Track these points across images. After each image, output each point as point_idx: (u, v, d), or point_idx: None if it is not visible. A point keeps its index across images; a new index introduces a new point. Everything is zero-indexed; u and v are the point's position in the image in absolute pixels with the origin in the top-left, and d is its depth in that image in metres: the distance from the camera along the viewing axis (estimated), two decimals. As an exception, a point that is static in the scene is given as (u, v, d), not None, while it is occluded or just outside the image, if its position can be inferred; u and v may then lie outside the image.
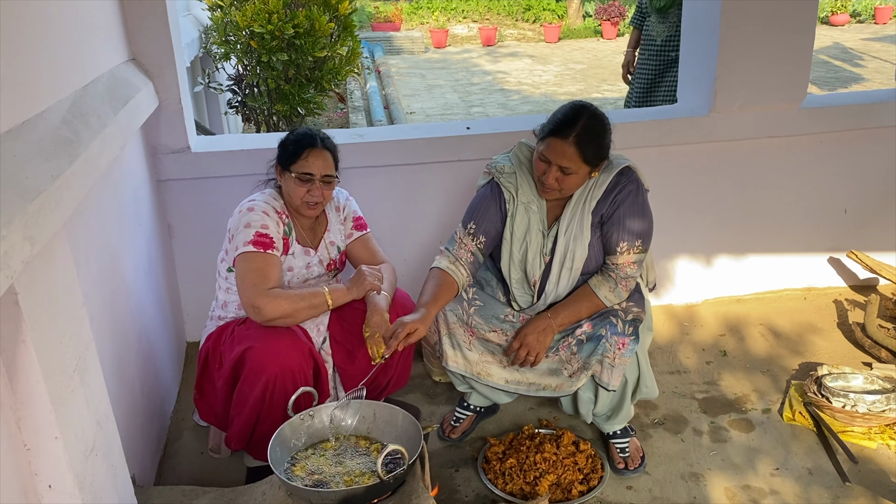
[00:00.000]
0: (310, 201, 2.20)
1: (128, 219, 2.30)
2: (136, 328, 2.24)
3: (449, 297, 2.24)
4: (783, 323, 3.20)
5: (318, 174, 2.18)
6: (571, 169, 2.07)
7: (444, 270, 2.25)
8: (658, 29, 3.89)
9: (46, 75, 1.64)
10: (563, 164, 2.06)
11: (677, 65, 3.70)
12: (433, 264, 2.30)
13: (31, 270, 1.28)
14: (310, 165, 2.17)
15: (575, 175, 2.09)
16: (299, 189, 2.18)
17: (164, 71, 2.59)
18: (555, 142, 2.06)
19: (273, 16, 4.09)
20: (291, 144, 2.21)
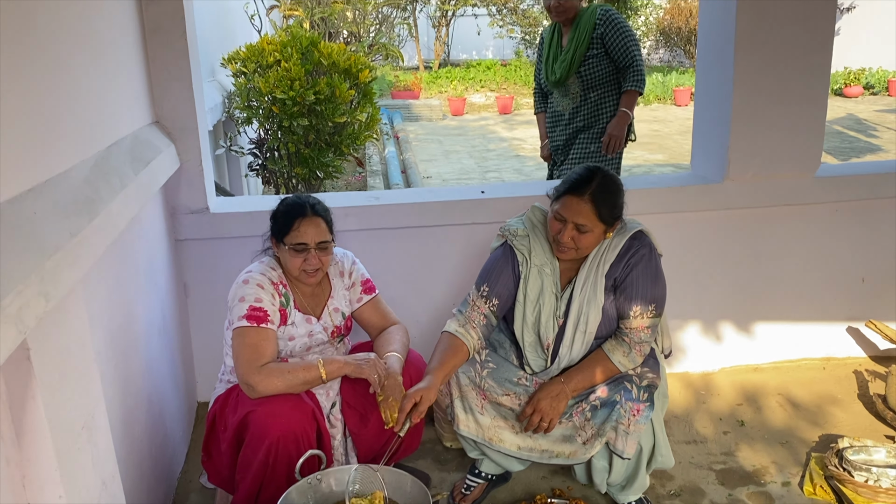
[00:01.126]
0: (308, 270, 2.20)
1: (144, 277, 2.32)
2: (146, 387, 2.24)
3: (457, 362, 2.23)
4: (802, 393, 3.14)
5: (313, 242, 2.18)
6: (587, 227, 2.08)
7: (453, 334, 2.24)
8: (563, 103, 3.75)
9: (72, 135, 1.69)
10: (580, 221, 2.08)
11: (583, 133, 3.73)
12: (444, 328, 2.29)
13: (45, 326, 1.29)
14: (302, 235, 2.17)
15: (591, 233, 2.10)
16: (295, 260, 2.18)
17: (186, 134, 2.66)
18: (570, 199, 2.09)
19: (295, 83, 4.21)
20: (282, 216, 2.21)
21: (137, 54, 2.45)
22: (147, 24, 2.52)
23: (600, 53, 3.59)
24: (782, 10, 2.86)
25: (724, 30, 2.95)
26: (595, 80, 3.64)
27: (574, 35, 3.60)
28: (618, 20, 3.59)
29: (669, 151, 10.03)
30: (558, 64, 3.65)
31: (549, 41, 3.74)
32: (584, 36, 3.57)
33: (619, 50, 3.59)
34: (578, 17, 3.61)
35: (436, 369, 2.15)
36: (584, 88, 3.66)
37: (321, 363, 2.15)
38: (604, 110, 3.72)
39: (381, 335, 2.39)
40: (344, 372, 2.18)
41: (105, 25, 2.10)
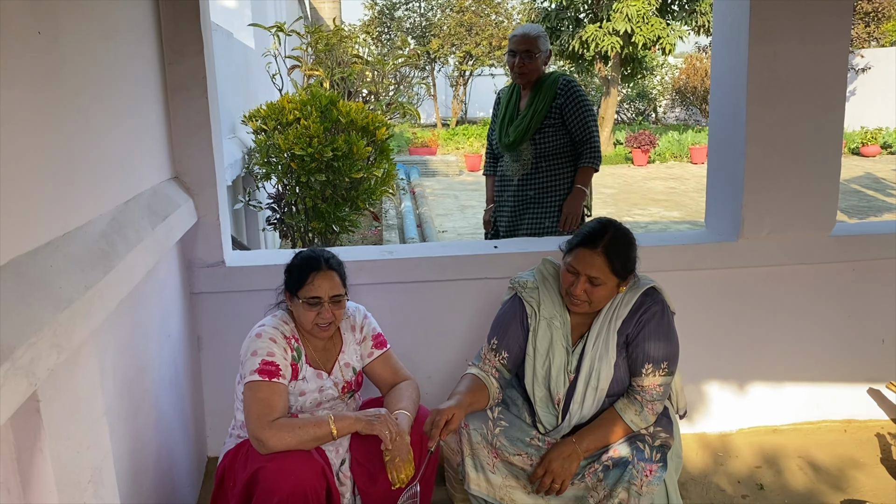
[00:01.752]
0: (321, 324, 2.21)
1: (157, 330, 2.33)
2: (156, 441, 2.23)
3: (482, 399, 2.24)
4: (823, 456, 3.06)
5: (326, 296, 2.19)
6: (600, 279, 2.08)
7: (475, 375, 2.27)
8: (513, 168, 3.55)
9: (90, 189, 1.72)
10: (592, 273, 2.08)
11: (536, 206, 3.55)
12: (465, 372, 2.30)
13: (56, 378, 1.30)
14: (317, 289, 2.19)
15: (603, 286, 2.10)
16: (309, 313, 2.19)
17: (204, 189, 2.71)
18: (583, 252, 2.10)
19: (314, 140, 4.29)
20: (297, 270, 2.23)
21: (159, 111, 2.51)
22: (170, 82, 2.60)
23: (557, 123, 3.47)
24: (794, 70, 2.89)
25: (735, 90, 2.98)
26: (548, 150, 3.49)
27: (534, 100, 3.48)
28: (579, 93, 3.48)
29: (686, 209, 10.04)
30: (513, 127, 3.51)
31: (507, 102, 3.62)
32: (544, 103, 3.45)
33: (578, 123, 3.47)
34: (540, 82, 3.50)
35: (464, 392, 2.19)
36: (536, 156, 3.50)
37: (332, 419, 2.13)
38: (558, 184, 3.55)
39: (392, 391, 2.38)
40: (355, 428, 2.16)
41: (129, 84, 2.17)
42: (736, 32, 2.96)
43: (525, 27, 3.54)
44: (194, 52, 2.60)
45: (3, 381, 1.06)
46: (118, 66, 2.05)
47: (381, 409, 2.21)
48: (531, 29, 3.49)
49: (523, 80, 3.49)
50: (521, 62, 3.43)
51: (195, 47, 2.60)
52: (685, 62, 22.11)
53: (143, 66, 2.36)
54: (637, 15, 14.89)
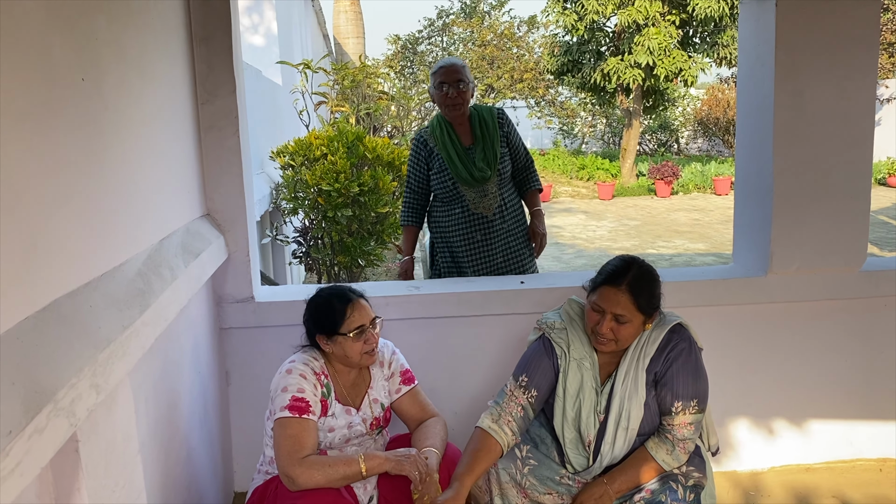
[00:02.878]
0: (368, 350, 2.25)
1: (188, 366, 2.36)
2: (186, 477, 2.24)
3: (488, 463, 2.20)
4: (858, 497, 2.99)
5: (368, 321, 2.24)
6: (626, 317, 2.08)
7: (486, 431, 2.22)
8: (483, 204, 3.33)
9: (127, 230, 1.76)
10: (618, 311, 2.07)
11: (510, 235, 3.41)
12: (477, 423, 2.27)
13: (94, 418, 1.32)
14: (358, 318, 2.23)
15: (630, 324, 2.09)
16: (357, 344, 2.22)
17: (235, 226, 2.75)
18: (607, 290, 2.09)
19: (340, 175, 4.35)
20: (329, 311, 2.24)
21: (192, 150, 2.57)
22: (202, 122, 2.65)
23: (506, 152, 3.39)
24: (821, 105, 2.89)
25: (762, 124, 2.98)
26: (506, 180, 3.40)
27: (483, 131, 3.34)
28: (512, 122, 3.45)
29: (711, 240, 9.98)
30: (480, 161, 3.30)
31: (444, 141, 3.33)
32: (495, 132, 3.33)
33: (521, 150, 3.46)
34: (476, 114, 3.37)
35: (463, 475, 2.13)
36: (500, 187, 3.37)
37: (362, 458, 2.14)
38: (522, 211, 3.49)
39: (420, 429, 2.37)
40: (384, 468, 2.16)
41: (164, 124, 2.23)
42: (762, 67, 2.96)
43: (449, 59, 3.39)
44: (226, 91, 2.66)
45: (47, 423, 1.08)
46: (154, 107, 2.11)
47: (411, 450, 2.20)
48: (456, 60, 3.38)
49: (457, 112, 3.31)
50: (454, 94, 3.26)
51: (227, 87, 2.65)
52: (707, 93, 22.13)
53: (176, 106, 2.41)
54: (658, 48, 14.97)
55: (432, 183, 3.41)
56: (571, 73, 17.21)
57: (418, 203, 3.52)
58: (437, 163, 3.37)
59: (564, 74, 17.49)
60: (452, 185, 3.34)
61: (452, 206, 3.39)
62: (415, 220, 3.54)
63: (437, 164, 3.37)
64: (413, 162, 3.47)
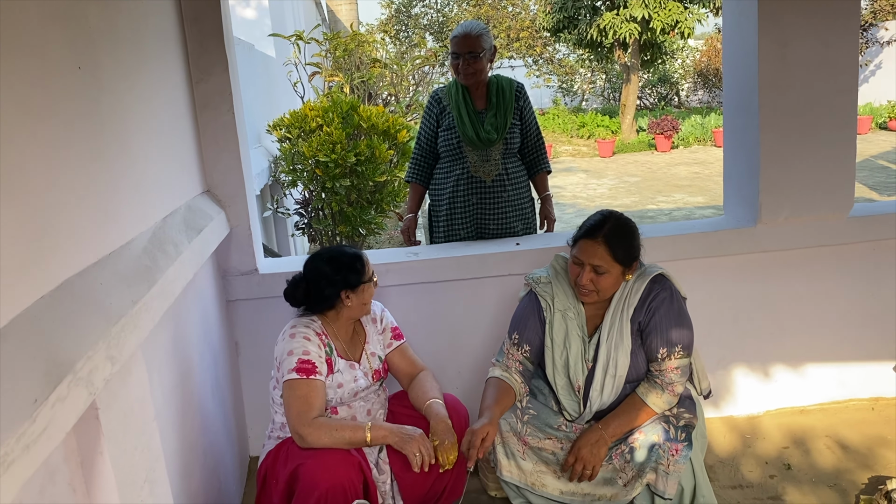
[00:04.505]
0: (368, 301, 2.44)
1: (198, 338, 2.45)
2: (202, 443, 2.35)
3: (509, 401, 2.35)
4: (851, 435, 3.10)
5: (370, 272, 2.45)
6: (604, 268, 2.18)
7: (499, 378, 2.36)
8: (484, 169, 3.37)
9: (132, 209, 1.84)
10: (595, 262, 2.17)
11: (509, 206, 3.42)
12: (488, 375, 2.39)
13: (111, 387, 1.42)
14: (369, 270, 2.43)
15: (608, 274, 2.19)
16: (373, 289, 2.43)
17: (235, 201, 2.83)
18: (585, 243, 2.20)
19: (337, 146, 4.40)
20: (358, 265, 2.40)
21: (189, 129, 2.63)
22: (198, 100, 2.71)
23: (518, 125, 3.41)
24: (804, 55, 2.93)
25: (747, 77, 3.03)
26: (512, 151, 3.42)
27: (498, 99, 3.37)
28: (530, 99, 3.47)
29: (710, 193, 10.01)
30: (489, 124, 3.34)
31: (457, 101, 3.36)
32: (511, 103, 3.37)
33: (534, 128, 3.48)
34: (495, 82, 3.41)
35: (492, 406, 2.28)
36: (504, 156, 3.40)
37: (369, 427, 2.27)
38: (526, 185, 3.53)
39: (415, 384, 2.49)
40: (388, 441, 2.29)
41: (160, 105, 2.29)
42: (745, 20, 3.00)
43: (465, 26, 3.32)
44: (219, 70, 2.71)
45: (68, 392, 1.18)
46: (150, 89, 2.17)
47: (418, 430, 2.31)
48: (472, 28, 3.30)
49: (471, 81, 3.32)
50: (465, 64, 3.27)
51: (220, 66, 2.71)
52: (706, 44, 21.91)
53: (171, 86, 2.47)
54: (654, 0, 14.80)
55: (439, 140, 3.44)
56: (567, 29, 17.06)
57: (425, 161, 3.53)
58: (447, 120, 3.41)
59: (561, 31, 17.34)
60: (457, 144, 3.38)
61: (454, 167, 3.43)
62: (420, 178, 3.54)
63: (447, 122, 3.41)
64: (425, 118, 3.51)
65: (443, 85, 3.52)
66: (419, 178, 3.53)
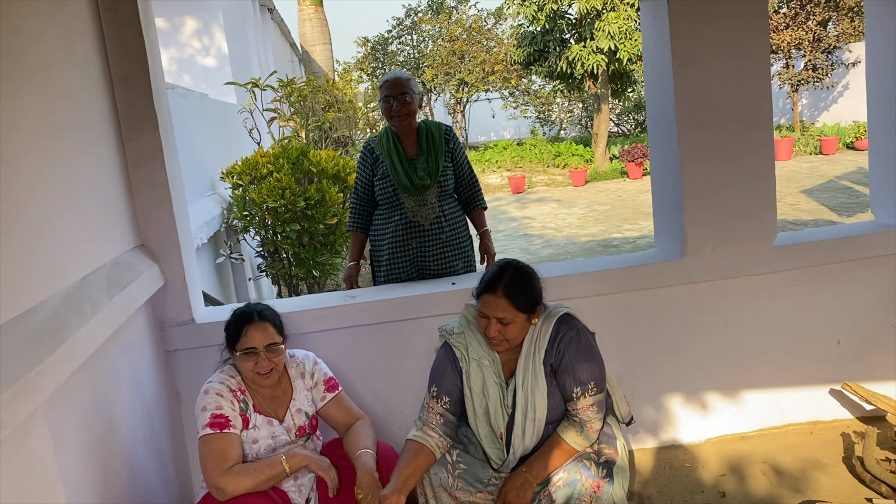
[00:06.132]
0: (261, 372, 2.38)
1: (127, 391, 2.49)
2: (132, 495, 2.38)
3: (421, 463, 2.36)
4: (787, 460, 3.15)
5: (261, 346, 2.38)
6: (508, 318, 2.24)
7: (412, 440, 2.40)
8: (421, 213, 3.44)
9: (42, 273, 1.90)
10: (499, 315, 2.24)
11: (449, 247, 3.50)
12: (407, 436, 2.43)
13: (4, 449, 1.46)
14: (250, 340, 2.37)
15: (514, 324, 2.25)
16: (248, 363, 2.37)
17: (169, 253, 2.88)
18: (487, 297, 2.26)
19: (286, 191, 4.48)
20: (232, 326, 2.42)
21: (120, 186, 2.70)
22: (129, 158, 2.79)
23: (450, 167, 3.51)
24: (719, 93, 3.04)
25: (666, 114, 3.14)
26: (447, 192, 3.51)
27: (429, 144, 3.47)
28: (459, 140, 3.59)
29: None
30: (421, 170, 3.43)
31: (389, 149, 3.46)
32: (441, 146, 3.47)
33: (466, 167, 3.59)
34: (424, 128, 3.51)
35: (399, 472, 2.31)
36: (440, 198, 3.48)
37: (284, 458, 2.31)
38: (464, 224, 3.61)
39: (350, 433, 2.52)
40: (305, 464, 2.34)
41: (86, 167, 2.37)
42: (662, 60, 3.12)
43: (395, 73, 3.52)
44: (150, 128, 2.79)
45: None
46: (70, 155, 2.24)
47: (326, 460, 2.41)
48: (401, 73, 3.50)
49: (403, 122, 3.43)
50: (399, 106, 3.39)
51: (150, 124, 2.78)
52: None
53: (100, 146, 2.55)
54: (620, 32, 15.10)
55: (375, 189, 3.53)
56: (538, 62, 17.33)
57: (364, 209, 3.62)
58: (381, 169, 3.50)
59: (532, 64, 17.60)
60: (393, 192, 3.46)
61: (392, 213, 3.51)
62: (360, 226, 3.63)
63: (381, 171, 3.49)
64: (360, 168, 3.60)
65: (374, 136, 3.61)
66: (359, 226, 3.62)
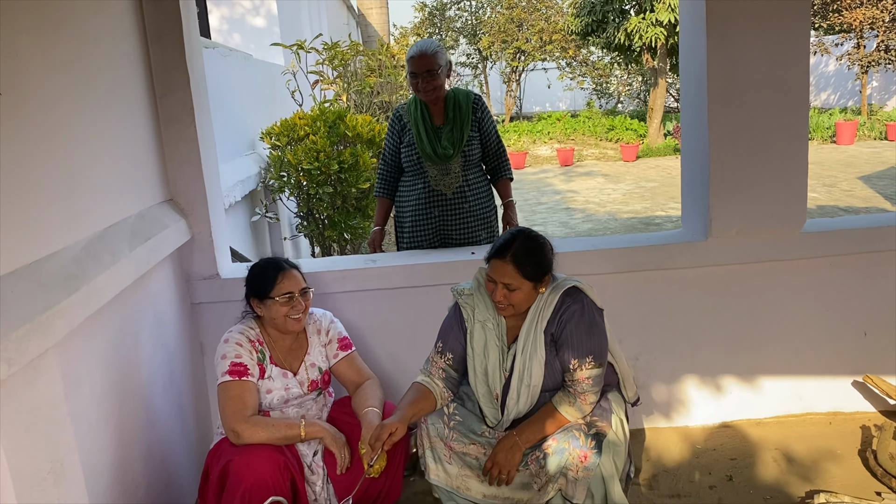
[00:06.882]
0: (294, 316, 2.48)
1: (148, 338, 2.60)
2: (146, 438, 2.50)
3: (425, 405, 2.45)
4: (801, 448, 3.12)
5: (297, 290, 2.48)
6: (514, 285, 2.28)
7: (420, 383, 2.49)
8: (444, 182, 3.47)
9: (63, 221, 1.99)
10: (505, 280, 2.27)
11: (471, 216, 3.52)
12: (414, 380, 2.50)
13: (9, 386, 1.56)
14: (287, 286, 2.47)
15: (519, 290, 2.29)
16: (284, 308, 2.47)
17: (196, 209, 2.97)
18: (496, 262, 2.30)
19: (321, 154, 4.54)
20: (262, 276, 2.50)
21: (151, 141, 2.79)
22: (162, 115, 2.87)
23: (476, 136, 3.51)
24: (755, 72, 2.97)
25: (698, 93, 3.08)
26: (473, 162, 3.52)
27: (455, 113, 3.46)
28: (488, 109, 3.55)
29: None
30: (445, 140, 3.44)
31: (416, 118, 3.47)
32: (468, 116, 3.46)
33: (493, 137, 3.57)
34: (453, 96, 3.50)
35: (405, 406, 2.40)
36: (464, 168, 3.50)
37: (303, 423, 2.42)
38: (489, 195, 3.63)
39: (358, 391, 2.60)
40: (322, 436, 2.45)
41: (117, 120, 2.46)
42: (696, 38, 3.05)
43: (420, 45, 3.40)
44: (181, 85, 2.86)
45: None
46: (101, 108, 2.32)
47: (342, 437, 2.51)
48: (427, 47, 3.38)
49: (431, 97, 3.43)
50: (424, 82, 3.37)
51: (182, 81, 2.86)
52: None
53: (132, 103, 2.63)
54: (681, 4, 14.68)
55: (402, 156, 3.56)
56: (596, 33, 16.99)
57: (391, 175, 3.65)
58: (407, 136, 3.53)
59: (590, 35, 17.27)
60: (417, 160, 3.50)
61: (416, 181, 3.55)
62: (387, 192, 3.67)
63: (408, 138, 3.52)
64: (388, 135, 3.63)
65: (403, 103, 3.63)
66: (385, 192, 3.66)
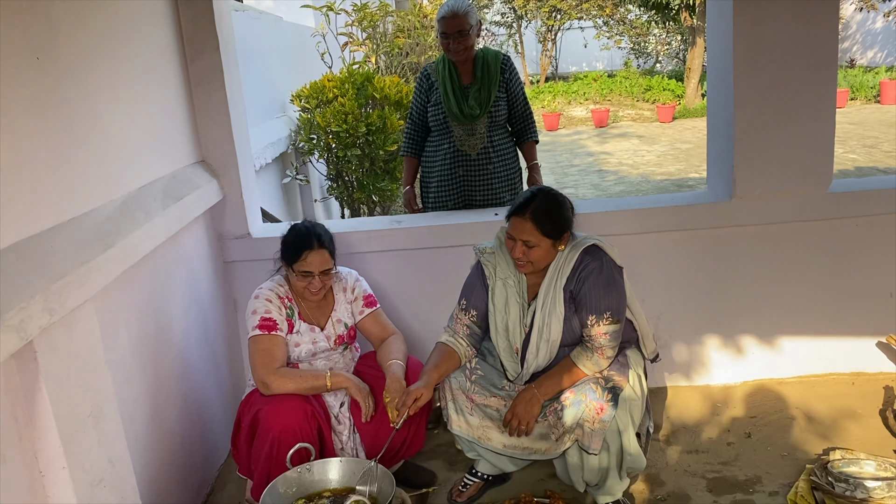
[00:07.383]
0: (311, 291, 2.57)
1: (182, 294, 2.72)
2: (181, 388, 2.63)
3: (450, 364, 2.52)
4: (821, 408, 3.15)
5: (317, 271, 2.54)
6: (533, 242, 2.33)
7: (444, 343, 2.55)
8: (469, 142, 3.49)
9: (99, 181, 2.09)
10: (524, 237, 2.33)
11: (495, 177, 3.54)
12: (437, 340, 2.58)
13: (51, 334, 1.67)
14: (308, 265, 2.53)
15: (538, 248, 2.34)
16: (302, 282, 2.55)
17: (228, 170, 3.07)
18: (515, 220, 2.35)
19: (349, 116, 4.60)
20: (291, 246, 2.57)
21: (183, 103, 2.88)
22: (192, 78, 2.95)
23: (503, 97, 3.50)
24: (781, 32, 2.94)
25: (724, 53, 3.06)
26: (499, 122, 3.52)
27: (483, 73, 3.46)
28: (517, 70, 3.54)
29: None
30: (472, 99, 3.44)
31: (444, 77, 3.47)
32: (496, 76, 3.46)
33: (520, 99, 3.56)
34: (482, 57, 3.49)
35: (431, 370, 2.48)
36: (490, 129, 3.50)
37: (329, 374, 2.51)
38: (514, 156, 3.64)
39: (383, 346, 2.70)
40: (346, 386, 2.54)
41: (149, 82, 2.55)
42: (723, -3, 3.02)
43: (451, 6, 3.36)
44: (211, 49, 2.93)
45: (-5, 335, 1.43)
46: (134, 72, 2.41)
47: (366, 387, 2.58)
48: (458, 6, 3.34)
49: (461, 57, 3.42)
50: (455, 44, 3.36)
51: (212, 45, 2.93)
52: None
53: (163, 66, 2.72)
54: (722, -41, 14.28)
55: (428, 115, 3.59)
56: (635, -11, 16.64)
57: (418, 135, 3.66)
58: (435, 95, 3.55)
59: (627, -8, 16.92)
60: (444, 119, 3.52)
61: (442, 141, 3.58)
62: (414, 151, 3.69)
63: (435, 97, 3.54)
64: (416, 93, 3.64)
65: (432, 62, 3.65)
66: (413, 151, 3.69)
